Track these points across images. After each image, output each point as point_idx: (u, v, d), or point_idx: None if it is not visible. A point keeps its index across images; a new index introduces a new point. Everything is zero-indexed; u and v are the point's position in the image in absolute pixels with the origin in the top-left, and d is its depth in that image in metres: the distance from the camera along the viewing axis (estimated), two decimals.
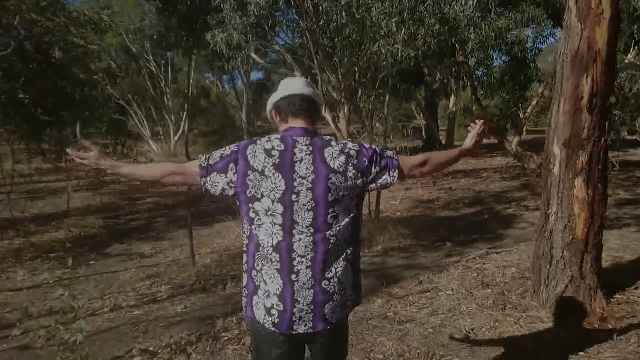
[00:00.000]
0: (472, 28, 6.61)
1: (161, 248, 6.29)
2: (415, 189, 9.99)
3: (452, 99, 17.15)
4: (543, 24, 11.12)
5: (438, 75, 16.76)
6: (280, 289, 1.68)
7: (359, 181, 1.75)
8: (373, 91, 7.47)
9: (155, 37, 17.24)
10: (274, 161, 1.69)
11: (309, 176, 1.69)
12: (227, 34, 8.25)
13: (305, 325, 1.70)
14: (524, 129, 13.34)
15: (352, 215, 1.76)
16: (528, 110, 12.11)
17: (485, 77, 11.51)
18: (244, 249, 1.79)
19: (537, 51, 11.53)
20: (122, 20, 22.16)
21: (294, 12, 8.81)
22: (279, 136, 1.77)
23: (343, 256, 1.74)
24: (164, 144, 28.16)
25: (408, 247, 5.78)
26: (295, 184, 1.68)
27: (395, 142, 12.73)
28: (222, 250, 5.98)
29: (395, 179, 1.81)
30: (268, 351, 1.78)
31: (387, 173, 1.80)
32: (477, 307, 3.82)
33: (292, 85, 1.87)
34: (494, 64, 11.75)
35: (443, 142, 17.85)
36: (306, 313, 1.69)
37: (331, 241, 1.70)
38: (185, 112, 26.46)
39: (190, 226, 5.37)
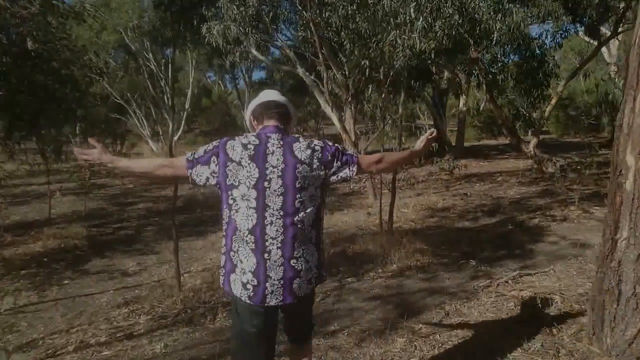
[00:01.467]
0: (500, 16, 5.87)
1: (147, 264, 5.58)
2: (427, 195, 9.26)
3: (462, 98, 16.39)
4: (564, 18, 10.37)
5: (446, 73, 16.06)
6: (254, 267, 1.94)
7: (322, 172, 2.04)
8: (384, 88, 6.74)
9: (151, 32, 16.47)
10: (249, 153, 1.97)
11: (279, 166, 1.96)
12: (224, 25, 7.53)
13: (277, 298, 1.96)
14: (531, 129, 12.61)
15: (316, 203, 2.04)
16: (547, 110, 11.37)
17: (501, 75, 10.78)
18: (224, 233, 2.04)
19: (556, 47, 10.78)
20: (121, 17, 21.54)
21: (297, 2, 8.06)
22: (255, 134, 2.08)
23: (309, 239, 2.01)
24: (163, 144, 27.53)
25: (427, 265, 5.05)
26: (267, 172, 1.95)
27: (409, 144, 11.95)
28: (215, 267, 5.26)
29: (355, 173, 2.11)
30: (248, 320, 2.01)
31: (348, 168, 2.10)
32: (522, 353, 3.09)
33: (268, 94, 2.20)
34: (509, 61, 11.02)
35: (453, 143, 17.08)
36: (277, 287, 1.95)
37: (298, 226, 1.97)
38: (177, 112, 25.74)
39: (175, 242, 4.66)
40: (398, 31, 4.73)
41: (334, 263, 5.16)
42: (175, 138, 27.26)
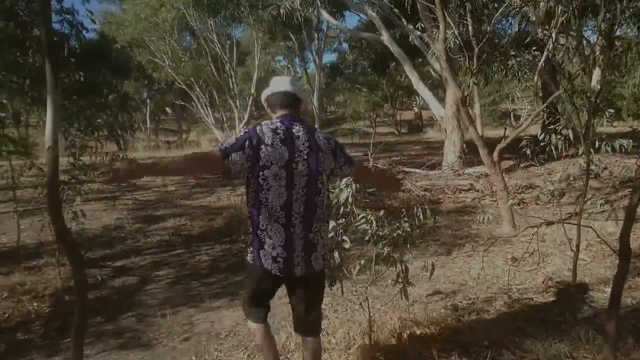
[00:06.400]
0: None
1: None
2: (592, 219, 5.90)
3: (597, 72, 12.46)
4: None
5: (563, 40, 12.31)
6: (283, 241, 2.17)
7: (332, 162, 2.31)
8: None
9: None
10: (280, 137, 2.19)
11: (304, 150, 2.21)
12: None
13: (302, 269, 2.21)
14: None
15: (327, 188, 2.35)
16: None
17: None
18: (249, 215, 2.24)
19: None
20: None
21: None
22: (279, 120, 2.29)
23: (323, 217, 2.28)
24: (228, 133, 25.53)
25: None
26: (295, 155, 2.18)
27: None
28: None
29: (350, 172, 2.43)
30: (261, 286, 2.32)
31: (348, 166, 2.39)
32: None
33: (279, 83, 2.43)
34: None
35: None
36: (301, 259, 2.20)
37: (317, 203, 2.24)
38: (243, 98, 23.56)
39: None
40: None
41: None
42: (241, 125, 25.24)
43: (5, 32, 5.16)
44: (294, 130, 2.22)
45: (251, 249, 2.25)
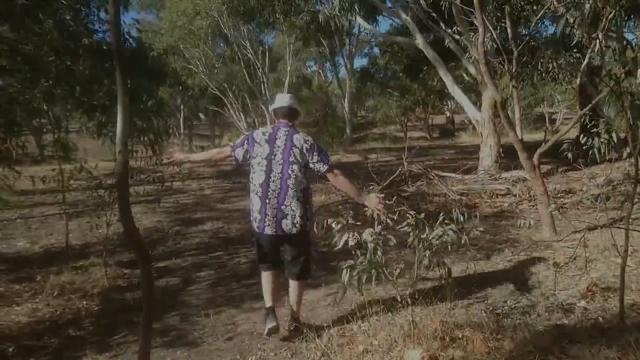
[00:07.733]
0: None
1: None
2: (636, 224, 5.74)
3: (639, 73, 12.06)
4: None
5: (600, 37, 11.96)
6: (259, 208, 3.21)
7: (304, 156, 3.24)
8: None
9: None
10: (265, 138, 3.26)
11: (282, 146, 3.22)
12: None
13: (272, 230, 3.21)
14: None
15: (304, 175, 3.25)
16: None
17: None
18: (250, 190, 3.31)
19: None
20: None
21: None
22: (272, 126, 3.38)
23: (296, 196, 3.20)
24: None
25: None
26: (274, 149, 3.22)
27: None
28: None
29: (324, 170, 3.26)
30: (261, 242, 3.36)
31: (321, 164, 3.26)
32: None
33: (281, 99, 3.42)
34: None
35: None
36: (272, 222, 3.19)
37: (290, 186, 3.18)
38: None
39: None
40: None
41: None
42: None
43: (53, 43, 5.43)
44: (279, 133, 3.25)
45: (251, 213, 3.29)
